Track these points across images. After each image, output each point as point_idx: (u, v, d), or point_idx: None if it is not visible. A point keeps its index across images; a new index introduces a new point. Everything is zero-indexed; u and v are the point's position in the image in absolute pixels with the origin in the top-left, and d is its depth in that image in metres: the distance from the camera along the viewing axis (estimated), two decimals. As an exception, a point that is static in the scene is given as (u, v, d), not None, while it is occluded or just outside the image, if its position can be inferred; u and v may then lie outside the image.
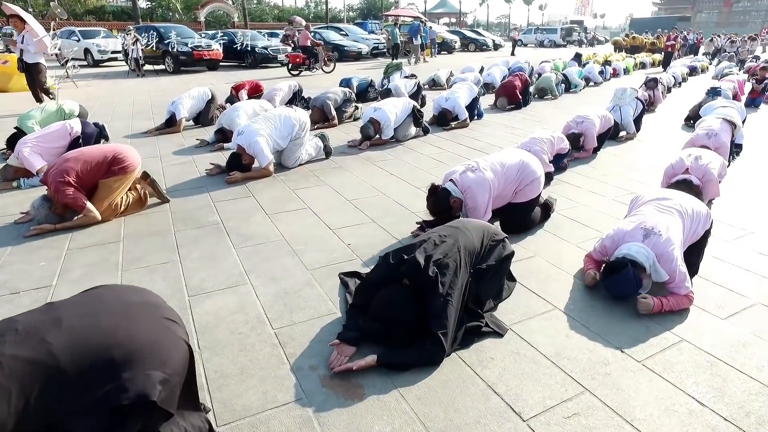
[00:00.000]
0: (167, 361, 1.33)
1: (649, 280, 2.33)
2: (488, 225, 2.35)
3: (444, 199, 2.89)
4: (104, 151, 3.44)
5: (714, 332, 2.17)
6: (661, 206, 2.51)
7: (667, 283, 2.31)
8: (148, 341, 1.32)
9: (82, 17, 37.51)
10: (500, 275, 2.28)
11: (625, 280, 2.25)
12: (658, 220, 2.39)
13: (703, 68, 14.75)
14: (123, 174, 3.39)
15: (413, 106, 5.70)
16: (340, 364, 1.90)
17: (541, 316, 2.28)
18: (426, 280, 1.97)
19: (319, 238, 3.12)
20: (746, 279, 2.63)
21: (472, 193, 2.88)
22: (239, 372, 1.92)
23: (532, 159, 3.17)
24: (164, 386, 1.28)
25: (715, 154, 3.56)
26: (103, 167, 3.34)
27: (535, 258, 2.85)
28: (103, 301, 1.42)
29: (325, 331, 2.16)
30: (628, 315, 2.28)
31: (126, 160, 3.40)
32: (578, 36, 34.29)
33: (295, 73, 13.63)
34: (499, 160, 3.06)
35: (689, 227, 2.44)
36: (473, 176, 2.90)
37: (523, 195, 3.07)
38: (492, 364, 1.95)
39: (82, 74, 14.48)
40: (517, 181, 3.05)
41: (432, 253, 2.05)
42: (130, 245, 3.05)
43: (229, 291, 2.52)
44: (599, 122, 4.98)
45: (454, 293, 1.99)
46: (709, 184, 3.34)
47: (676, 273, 2.26)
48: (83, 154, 3.38)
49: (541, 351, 2.03)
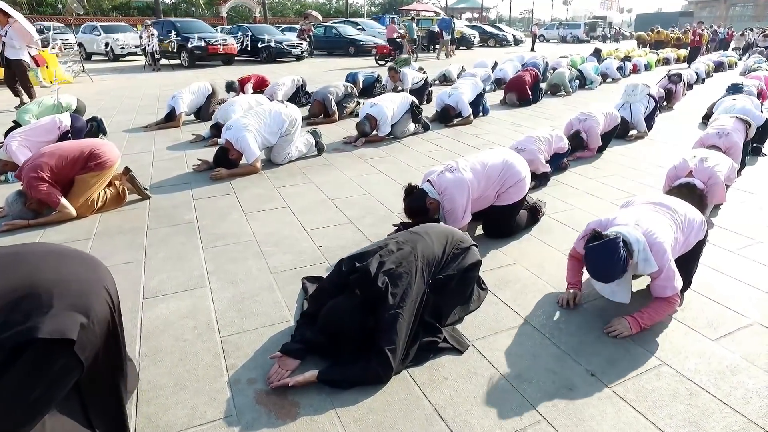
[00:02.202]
0: (90, 310, 1.27)
1: (631, 272, 2.03)
2: (454, 231, 2.18)
3: (420, 200, 2.72)
4: (81, 146, 3.37)
5: (700, 356, 1.95)
6: (655, 208, 2.28)
7: (653, 278, 2.05)
8: (73, 282, 1.29)
9: (109, 12, 38.37)
10: (464, 286, 2.11)
11: (612, 249, 1.93)
12: (652, 216, 2.16)
13: (732, 64, 14.00)
14: (100, 170, 3.32)
15: (412, 102, 5.52)
16: (279, 379, 1.77)
17: (509, 331, 2.10)
18: (375, 291, 1.82)
19: (290, 239, 2.99)
20: (746, 294, 2.39)
21: (449, 194, 2.71)
22: (173, 384, 1.80)
23: (516, 159, 2.97)
24: (84, 332, 1.22)
25: (723, 156, 3.29)
26: (79, 162, 3.27)
27: (515, 266, 2.66)
28: (32, 247, 1.41)
29: (273, 341, 2.03)
30: (605, 333, 2.08)
31: (103, 156, 3.33)
32: (602, 31, 33.22)
33: (382, 63, 14.24)
34: (480, 160, 2.87)
35: (681, 235, 2.21)
36: (451, 177, 2.73)
37: (506, 197, 2.87)
38: (444, 385, 1.79)
39: (101, 68, 14.74)
40: (500, 182, 2.86)
41: (385, 261, 1.90)
42: (99, 243, 2.98)
43: (185, 294, 2.41)
44: (603, 120, 4.71)
45: (405, 306, 1.83)
46: (714, 188, 3.07)
47: (666, 265, 2.00)
48: (59, 149, 3.33)
49: (502, 372, 1.85)
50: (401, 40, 15.48)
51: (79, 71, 11.69)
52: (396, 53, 15.03)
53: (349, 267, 1.95)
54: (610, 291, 2.07)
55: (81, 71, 11.68)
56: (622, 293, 2.07)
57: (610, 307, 2.26)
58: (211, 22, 31.53)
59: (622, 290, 2.07)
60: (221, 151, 4.28)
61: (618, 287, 2.06)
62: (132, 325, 2.15)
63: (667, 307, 2.09)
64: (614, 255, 1.92)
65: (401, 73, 7.72)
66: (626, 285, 2.07)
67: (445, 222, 2.81)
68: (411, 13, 25.90)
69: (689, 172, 3.11)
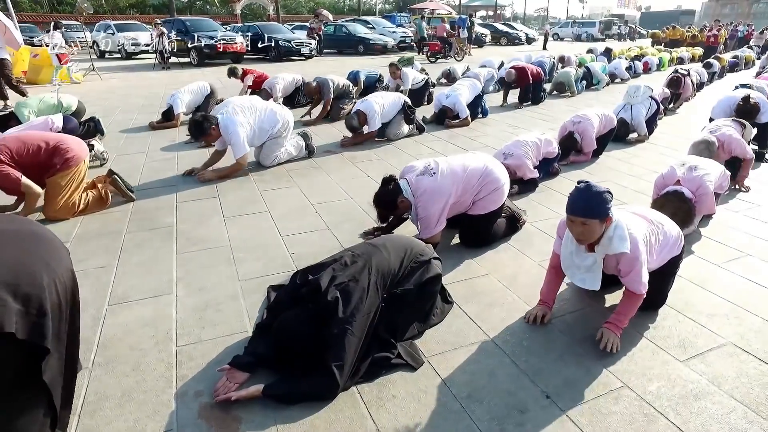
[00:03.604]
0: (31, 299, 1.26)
1: (602, 251, 1.94)
2: (414, 244, 2.12)
3: (392, 195, 2.65)
4: (46, 137, 3.31)
5: (665, 378, 1.87)
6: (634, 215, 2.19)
7: (625, 272, 1.97)
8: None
9: (125, 11, 38.97)
10: (422, 300, 2.06)
11: (599, 188, 1.86)
12: (630, 216, 2.08)
13: (749, 60, 13.53)
14: (67, 168, 3.26)
15: (404, 102, 5.44)
16: (225, 392, 1.75)
17: (469, 347, 2.04)
18: (326, 305, 1.79)
19: (264, 246, 2.97)
20: (725, 312, 2.29)
21: (424, 202, 2.65)
22: (120, 395, 1.79)
23: (497, 166, 2.90)
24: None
25: (713, 164, 3.16)
26: (41, 155, 3.19)
27: (488, 277, 2.59)
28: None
29: (228, 352, 2.01)
30: (569, 352, 2.01)
31: (69, 152, 3.27)
32: (618, 29, 32.58)
33: (433, 60, 14.68)
34: (461, 163, 2.79)
35: (656, 245, 2.10)
36: (429, 182, 2.66)
37: (483, 206, 2.80)
38: (391, 404, 1.74)
39: (112, 66, 14.97)
40: (479, 187, 2.78)
41: (338, 275, 1.86)
42: (76, 246, 3.00)
43: (150, 301, 2.41)
44: (598, 122, 4.59)
45: (356, 321, 1.79)
46: (703, 198, 2.96)
47: (638, 256, 1.91)
48: (21, 136, 3.28)
49: (453, 391, 1.80)
50: (451, 39, 16.29)
51: (89, 70, 11.85)
52: (445, 50, 15.81)
53: (303, 280, 1.91)
54: (580, 279, 2.04)
55: (90, 70, 11.85)
56: (592, 280, 2.02)
57: (577, 324, 2.20)
58: (225, 20, 31.86)
59: (593, 277, 2.01)
60: (197, 121, 4.06)
61: (588, 274, 2.01)
62: (92, 332, 2.15)
63: (637, 301, 2.03)
64: (600, 192, 1.87)
65: (402, 71, 7.65)
66: (597, 271, 2.01)
67: (417, 226, 2.77)
68: (425, 11, 25.78)
69: (677, 181, 3.00)
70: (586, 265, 2.03)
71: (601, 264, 2.01)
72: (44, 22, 20.13)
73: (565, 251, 2.11)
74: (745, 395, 1.78)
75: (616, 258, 1.97)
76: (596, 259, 1.99)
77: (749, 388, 1.82)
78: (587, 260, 2.02)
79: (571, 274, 2.10)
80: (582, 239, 1.94)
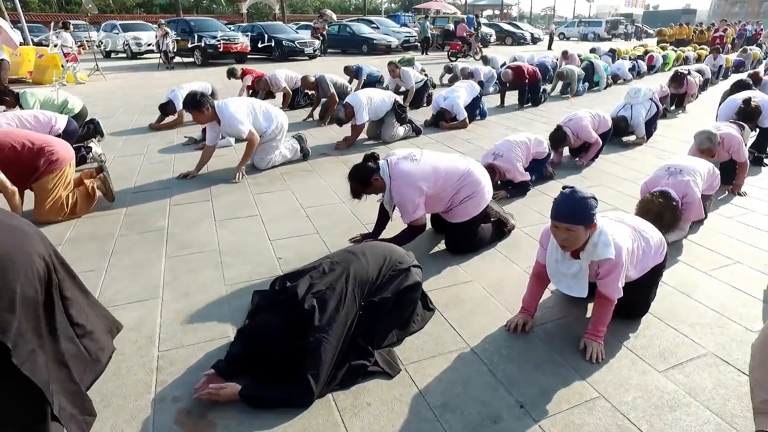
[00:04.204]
0: None
1: (587, 258, 1.93)
2: (394, 251, 2.13)
3: (367, 172, 2.64)
4: (32, 137, 3.30)
5: (642, 389, 1.87)
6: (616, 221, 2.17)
7: (604, 276, 1.96)
8: None
9: (132, 10, 39.25)
10: (401, 309, 2.07)
11: (584, 193, 1.84)
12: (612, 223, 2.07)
13: (756, 58, 13.32)
14: (52, 171, 3.28)
15: (395, 101, 5.43)
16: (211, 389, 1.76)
17: (447, 355, 2.05)
18: (302, 312, 1.80)
19: (253, 250, 2.99)
20: (708, 321, 2.28)
21: (398, 185, 2.63)
22: (99, 400, 1.82)
23: (479, 169, 2.89)
24: None
25: (701, 163, 3.12)
26: (24, 153, 3.17)
27: (472, 284, 2.60)
28: None
29: (208, 357, 2.03)
30: (548, 361, 2.01)
31: (55, 154, 3.29)
32: (624, 29, 32.32)
33: (454, 59, 14.99)
34: (446, 160, 2.80)
35: (639, 254, 2.09)
36: (409, 166, 2.65)
37: (462, 212, 2.78)
38: (364, 412, 1.75)
39: (117, 66, 15.09)
40: (458, 186, 2.75)
41: (315, 283, 1.88)
42: (67, 249, 3.04)
43: (137, 305, 2.44)
44: (590, 118, 4.57)
45: (332, 329, 1.80)
46: (690, 206, 2.93)
47: (621, 261, 1.91)
48: (7, 131, 3.30)
49: (428, 400, 1.81)
50: (470, 38, 17.17)
51: (93, 70, 11.96)
52: (465, 49, 16.52)
53: (281, 286, 1.93)
54: (567, 286, 2.02)
55: (95, 70, 11.95)
56: (579, 287, 2.00)
57: (558, 333, 2.20)
58: (231, 19, 31.99)
59: (579, 284, 1.99)
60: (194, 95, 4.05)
61: (575, 281, 2.00)
62: (76, 336, 2.18)
63: (610, 306, 2.02)
64: (585, 198, 1.84)
65: (403, 71, 7.64)
66: (583, 278, 1.99)
67: (389, 210, 2.78)
68: (430, 11, 25.75)
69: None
70: (572, 273, 2.02)
71: (587, 270, 2.00)
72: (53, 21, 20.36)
73: (551, 259, 2.10)
74: (721, 407, 1.78)
75: (598, 263, 1.96)
76: (582, 266, 1.98)
77: (725, 399, 1.81)
78: (573, 267, 2.01)
79: (557, 282, 2.09)
80: (566, 246, 1.93)
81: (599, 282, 1.99)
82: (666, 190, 2.86)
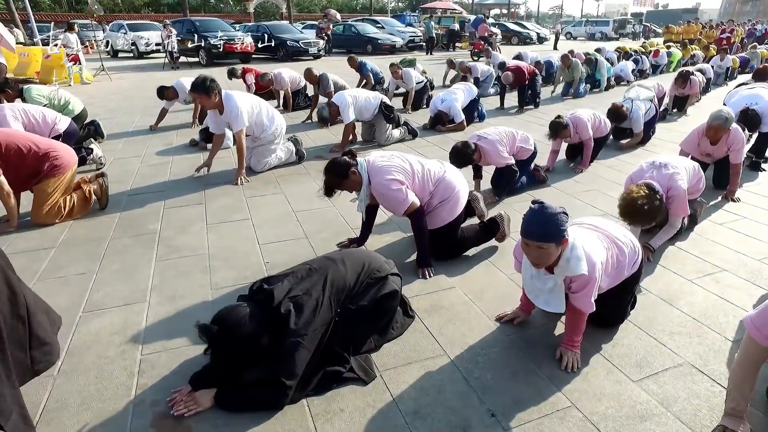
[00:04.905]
0: None
1: (561, 274, 1.91)
2: (373, 258, 2.16)
3: (346, 164, 2.60)
4: (38, 142, 3.36)
5: (615, 398, 1.88)
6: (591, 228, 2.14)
7: (576, 291, 1.95)
8: None
9: (141, 9, 39.59)
10: (378, 317, 2.09)
11: (553, 209, 1.80)
12: (586, 233, 2.06)
13: (764, 57, 13.13)
14: (53, 176, 3.35)
15: (381, 101, 5.44)
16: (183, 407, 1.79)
17: (424, 362, 2.07)
18: (278, 317, 1.83)
19: (241, 254, 3.03)
20: (688, 330, 2.28)
21: (378, 180, 2.60)
22: (80, 403, 1.87)
23: (458, 177, 2.91)
24: None
25: (684, 161, 3.09)
26: (29, 156, 3.24)
27: (454, 290, 2.62)
28: None
29: (190, 362, 2.07)
30: (523, 369, 2.03)
31: (59, 159, 3.36)
32: (632, 28, 32.06)
33: (476, 59, 15.21)
34: (425, 163, 2.83)
35: (613, 263, 2.07)
36: (385, 162, 2.67)
37: (437, 218, 2.79)
38: (337, 418, 1.78)
39: (123, 66, 15.24)
40: (431, 192, 2.79)
41: (292, 288, 1.90)
42: (60, 252, 3.09)
43: (123, 309, 2.48)
44: (591, 118, 4.57)
45: (307, 335, 1.83)
46: (675, 201, 2.87)
47: (594, 276, 1.89)
48: (13, 133, 3.35)
49: (400, 407, 1.83)
50: (491, 38, 17.75)
51: (99, 70, 12.09)
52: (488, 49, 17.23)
53: (258, 289, 1.96)
54: (544, 301, 2.01)
55: (101, 70, 12.09)
56: (556, 302, 1.99)
57: (537, 341, 2.21)
58: (238, 18, 32.16)
59: (556, 299, 1.98)
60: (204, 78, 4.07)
61: (551, 296, 1.99)
62: (62, 340, 2.22)
63: (583, 317, 2.02)
64: (555, 214, 1.80)
65: (404, 71, 7.64)
66: (560, 293, 1.98)
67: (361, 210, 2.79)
68: (438, 11, 25.74)
69: None
70: (548, 288, 2.00)
71: (563, 286, 1.98)
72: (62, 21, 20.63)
73: (526, 275, 2.10)
74: (692, 417, 1.78)
75: (571, 278, 1.97)
76: (557, 281, 1.96)
77: (697, 409, 1.82)
78: (548, 283, 1.99)
79: (534, 298, 2.08)
80: (538, 263, 1.91)
81: (571, 296, 1.98)
82: (650, 182, 2.80)
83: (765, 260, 2.92)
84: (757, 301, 2.50)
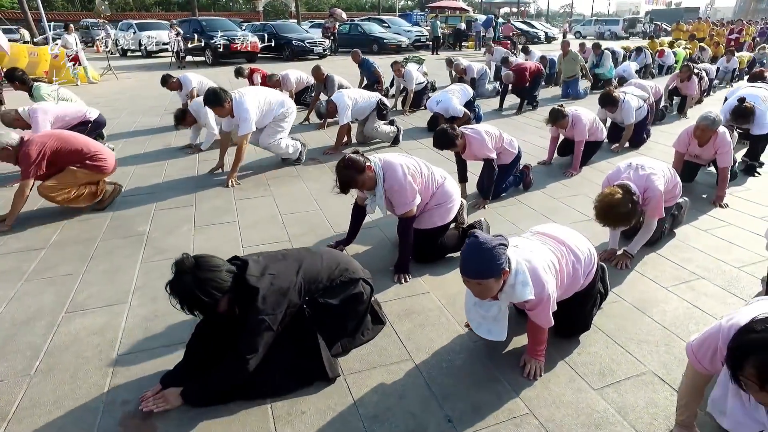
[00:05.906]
0: None
1: (506, 300, 1.88)
2: (350, 261, 2.21)
3: (362, 161, 2.62)
4: (87, 143, 3.64)
5: (573, 406, 1.91)
6: (541, 238, 2.12)
7: (530, 309, 1.93)
8: None
9: (151, 9, 40.03)
10: (346, 318, 2.13)
11: (489, 240, 1.76)
12: (536, 246, 2.01)
13: (775, 56, 12.92)
14: (93, 171, 3.61)
15: (378, 100, 5.52)
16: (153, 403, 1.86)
17: (389, 367, 2.11)
18: (246, 288, 1.85)
19: (224, 256, 3.07)
20: (656, 338, 2.29)
21: (392, 174, 2.67)
22: (53, 402, 1.94)
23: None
24: None
25: (660, 164, 3.06)
26: (76, 156, 3.52)
27: (428, 295, 2.65)
28: None
29: (164, 362, 2.13)
30: (486, 376, 2.06)
31: (102, 162, 3.64)
32: (642, 27, 31.68)
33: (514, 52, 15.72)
34: (430, 167, 2.93)
35: (568, 272, 2.06)
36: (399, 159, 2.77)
37: (428, 218, 2.87)
38: (297, 420, 1.83)
39: (130, 65, 15.43)
40: (431, 194, 2.88)
41: (268, 265, 1.95)
42: (50, 253, 3.18)
43: (105, 309, 2.56)
44: (590, 117, 4.57)
45: (273, 314, 1.84)
46: (651, 200, 2.85)
47: (544, 298, 1.87)
48: (68, 137, 3.59)
49: (360, 411, 1.88)
50: (515, 38, 18.62)
51: (106, 69, 12.27)
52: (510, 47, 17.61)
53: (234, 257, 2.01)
54: (486, 330, 2.02)
55: (108, 69, 12.26)
56: (498, 330, 1.99)
57: (501, 348, 2.24)
58: (247, 17, 32.36)
59: (499, 327, 1.98)
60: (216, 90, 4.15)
61: (494, 324, 1.99)
62: (43, 340, 2.31)
63: (543, 330, 2.02)
64: (491, 248, 1.74)
65: (406, 70, 7.64)
66: (502, 320, 1.98)
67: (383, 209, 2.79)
68: (447, 11, 25.67)
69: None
70: (492, 315, 1.97)
71: (506, 312, 1.97)
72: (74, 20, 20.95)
73: (468, 302, 2.08)
74: (647, 426, 1.81)
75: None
76: (501, 307, 1.95)
77: (653, 418, 1.84)
78: (491, 310, 1.97)
79: (476, 327, 2.04)
80: (481, 296, 1.88)
81: (529, 312, 1.98)
82: (626, 183, 2.78)
83: (744, 268, 2.91)
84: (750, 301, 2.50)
